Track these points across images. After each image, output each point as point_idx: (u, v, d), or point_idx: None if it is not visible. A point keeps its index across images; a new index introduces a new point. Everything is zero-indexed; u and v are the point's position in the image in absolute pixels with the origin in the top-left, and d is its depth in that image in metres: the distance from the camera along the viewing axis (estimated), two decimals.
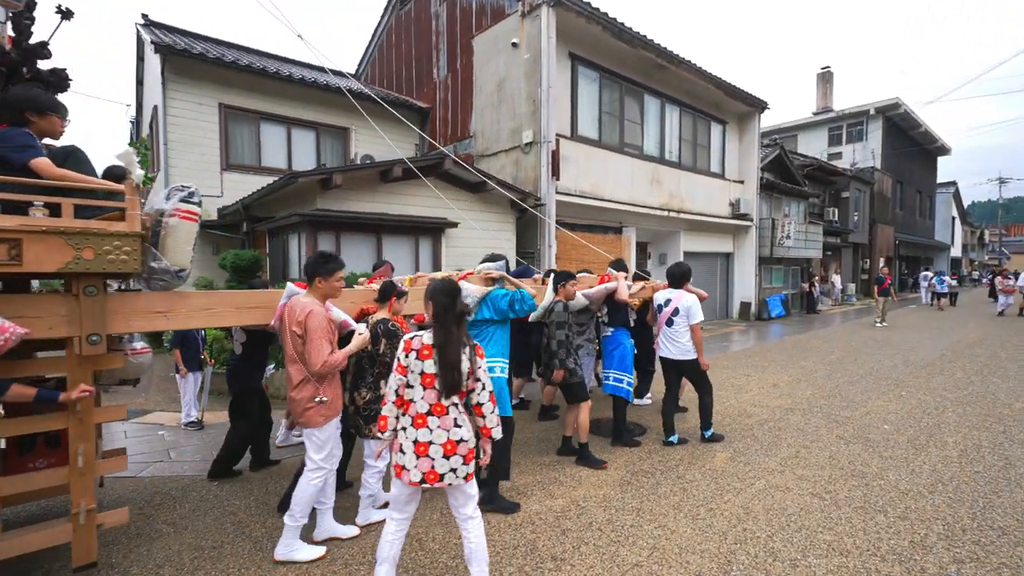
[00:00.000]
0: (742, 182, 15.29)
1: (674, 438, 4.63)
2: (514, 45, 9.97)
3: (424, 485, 2.21)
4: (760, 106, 14.90)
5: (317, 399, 2.66)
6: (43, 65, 2.99)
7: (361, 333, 2.84)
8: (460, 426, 2.25)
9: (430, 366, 2.22)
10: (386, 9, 14.06)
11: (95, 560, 2.52)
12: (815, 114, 27.11)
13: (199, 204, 2.61)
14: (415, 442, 2.21)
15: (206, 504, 3.43)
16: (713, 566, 2.69)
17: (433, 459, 2.21)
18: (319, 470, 2.73)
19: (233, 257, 7.48)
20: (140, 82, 13.68)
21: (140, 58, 12.59)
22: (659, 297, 4.76)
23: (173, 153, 9.49)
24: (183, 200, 2.56)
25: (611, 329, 4.70)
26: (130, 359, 2.99)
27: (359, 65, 15.39)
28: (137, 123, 15.59)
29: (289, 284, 2.84)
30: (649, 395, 6.14)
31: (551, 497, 3.54)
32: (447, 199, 8.49)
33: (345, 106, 11.53)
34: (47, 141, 2.68)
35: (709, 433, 4.71)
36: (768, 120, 38.65)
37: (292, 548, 2.68)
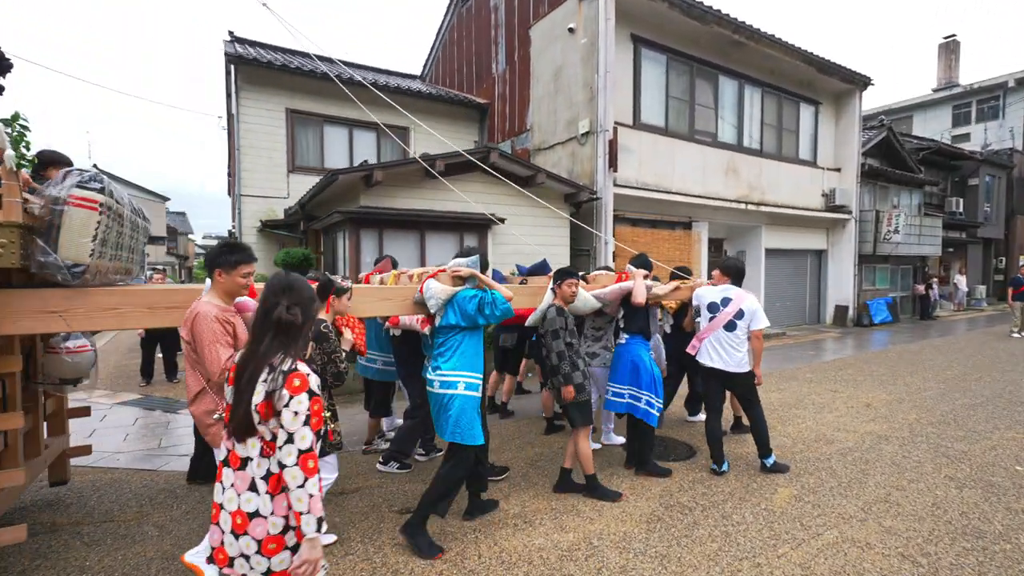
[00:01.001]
0: (839, 170, 13.50)
1: (725, 466, 3.92)
2: (571, 31, 9.43)
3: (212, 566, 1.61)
4: (861, 83, 13.04)
5: (216, 415, 2.25)
6: None
7: None
8: (257, 492, 1.54)
9: (231, 394, 1.62)
10: (448, 7, 14.06)
11: None
12: (936, 90, 23.62)
13: (101, 191, 2.27)
14: (213, 502, 1.64)
15: (203, 506, 3.34)
16: None
17: (223, 531, 1.55)
18: None
19: (284, 255, 7.70)
20: (229, 95, 14.81)
21: (228, 72, 13.60)
22: (711, 294, 3.99)
23: (245, 158, 10.06)
24: (79, 185, 2.22)
25: (626, 336, 3.96)
26: (64, 359, 2.88)
27: (424, 66, 15.56)
28: (229, 133, 16.97)
29: (207, 280, 2.47)
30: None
31: (561, 530, 3.04)
32: (494, 194, 8.18)
33: (404, 106, 11.64)
34: None
35: (771, 461, 3.94)
36: (875, 100, 34.26)
37: None
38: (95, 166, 29.06)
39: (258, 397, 1.52)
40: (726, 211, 11.19)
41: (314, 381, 1.56)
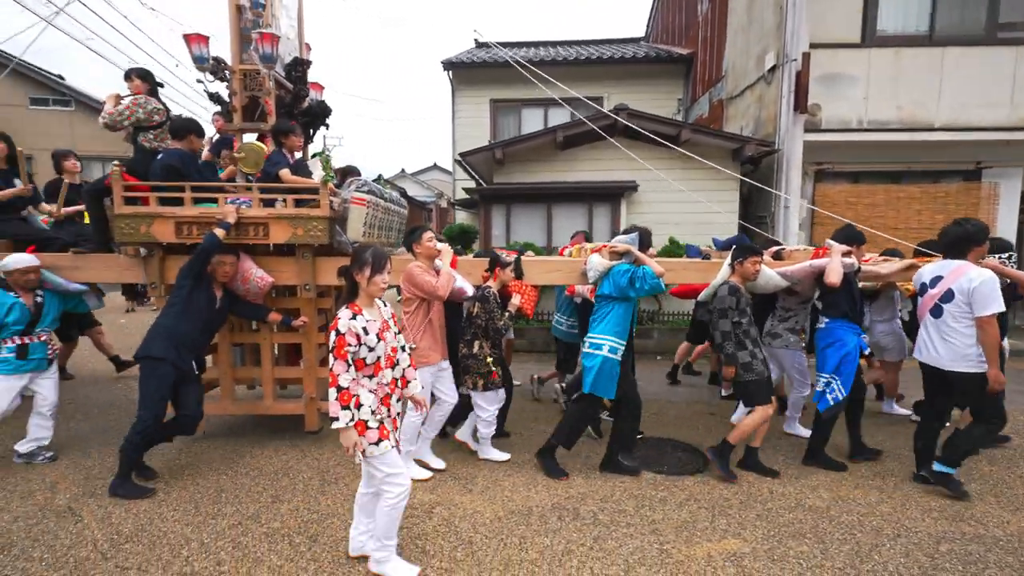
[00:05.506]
0: None
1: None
2: None
3: None
4: None
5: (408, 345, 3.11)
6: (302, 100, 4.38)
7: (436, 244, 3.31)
8: None
9: None
10: None
11: (315, 429, 3.93)
12: None
13: (369, 192, 3.56)
14: None
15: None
16: None
17: None
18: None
19: (447, 230, 9.06)
20: None
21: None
22: (923, 274, 3.25)
23: (459, 147, 11.98)
24: (356, 189, 3.51)
25: (825, 321, 3.52)
26: None
27: (647, 26, 14.69)
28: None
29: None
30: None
31: (425, 489, 3.12)
32: (635, 159, 7.53)
33: (597, 76, 11.50)
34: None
35: (942, 468, 3.10)
36: None
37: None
38: (435, 164, 37.93)
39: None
40: None
41: (343, 323, 2.13)
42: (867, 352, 3.45)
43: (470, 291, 3.45)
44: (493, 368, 3.39)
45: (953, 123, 6.96)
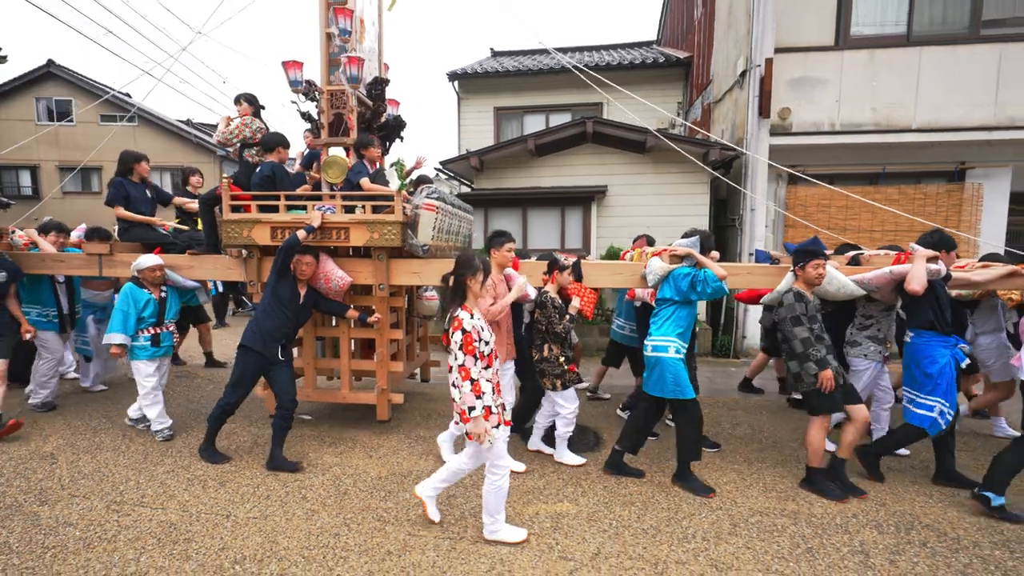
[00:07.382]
0: None
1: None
2: None
3: None
4: None
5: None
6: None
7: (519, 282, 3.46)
8: (454, 387, 2.48)
9: None
10: None
11: (387, 418, 4.17)
12: None
13: (438, 199, 3.87)
14: None
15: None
16: None
17: None
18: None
19: None
20: None
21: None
22: None
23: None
24: (427, 196, 3.82)
25: (911, 334, 3.29)
26: (424, 303, 4.70)
27: (658, 32, 14.78)
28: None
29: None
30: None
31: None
32: (607, 164, 7.88)
33: (596, 82, 11.75)
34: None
35: (992, 498, 2.84)
36: None
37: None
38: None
39: (442, 331, 2.59)
40: None
41: (467, 322, 2.38)
42: (963, 364, 3.16)
43: (532, 294, 3.52)
44: (566, 365, 3.47)
45: (932, 124, 6.85)
